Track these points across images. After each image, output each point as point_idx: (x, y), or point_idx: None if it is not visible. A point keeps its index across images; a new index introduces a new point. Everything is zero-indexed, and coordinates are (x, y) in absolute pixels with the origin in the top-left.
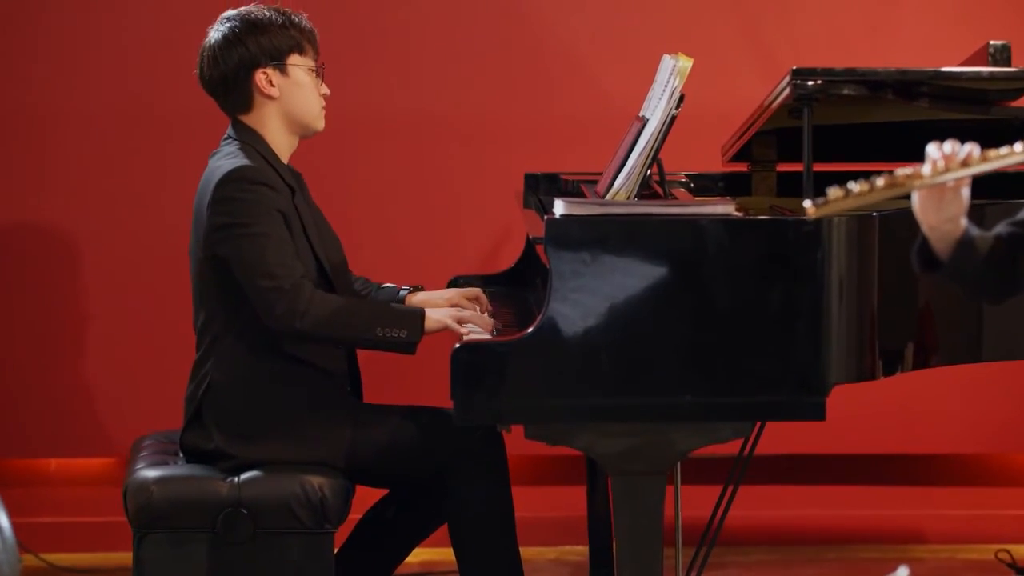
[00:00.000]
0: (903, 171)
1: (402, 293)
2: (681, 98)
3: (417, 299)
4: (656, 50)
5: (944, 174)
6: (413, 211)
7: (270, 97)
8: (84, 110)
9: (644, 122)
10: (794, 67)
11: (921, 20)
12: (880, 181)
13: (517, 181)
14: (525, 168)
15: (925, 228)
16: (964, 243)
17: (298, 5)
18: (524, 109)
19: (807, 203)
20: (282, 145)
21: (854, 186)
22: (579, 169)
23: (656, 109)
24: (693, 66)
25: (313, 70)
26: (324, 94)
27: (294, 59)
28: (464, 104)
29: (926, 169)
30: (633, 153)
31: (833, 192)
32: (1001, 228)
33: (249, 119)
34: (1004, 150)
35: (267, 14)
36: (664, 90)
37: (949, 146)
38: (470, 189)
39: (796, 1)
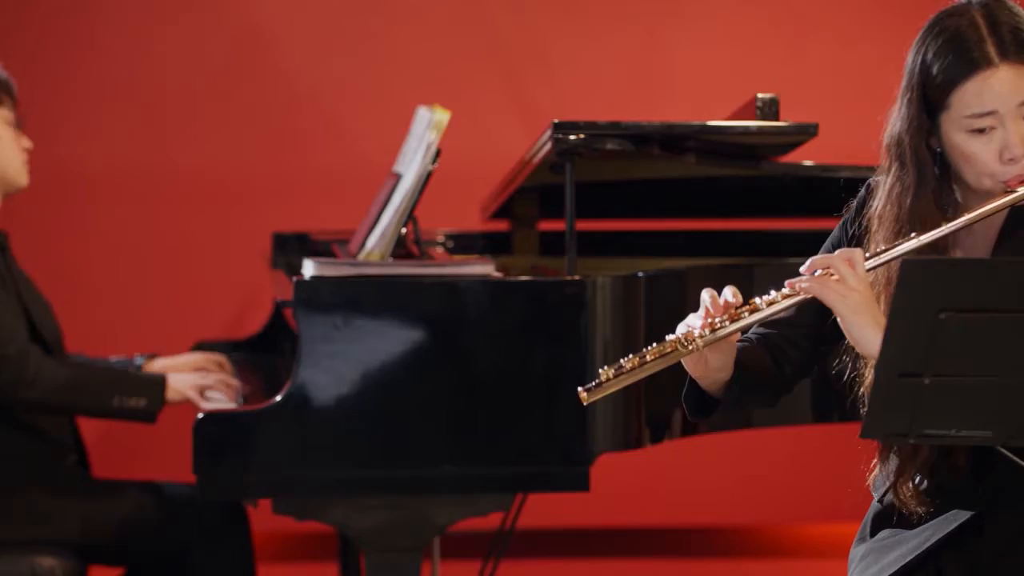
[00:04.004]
0: (673, 338)
1: (137, 361)
2: (437, 152)
3: (157, 366)
4: (411, 101)
5: (714, 333)
6: (152, 273)
7: None
8: None
9: (398, 178)
10: (555, 120)
11: (691, 71)
12: (651, 353)
13: (264, 241)
14: (273, 227)
15: (696, 379)
16: (735, 382)
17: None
18: (272, 164)
19: (580, 390)
20: None
21: (625, 363)
22: (331, 227)
23: (411, 164)
24: (450, 119)
25: (10, 123)
26: (26, 148)
27: None
28: (207, 159)
29: (696, 330)
30: (387, 211)
31: (605, 374)
32: (760, 332)
33: None
34: (774, 296)
35: None
36: (419, 144)
37: (711, 295)
38: (214, 249)
39: (560, 50)
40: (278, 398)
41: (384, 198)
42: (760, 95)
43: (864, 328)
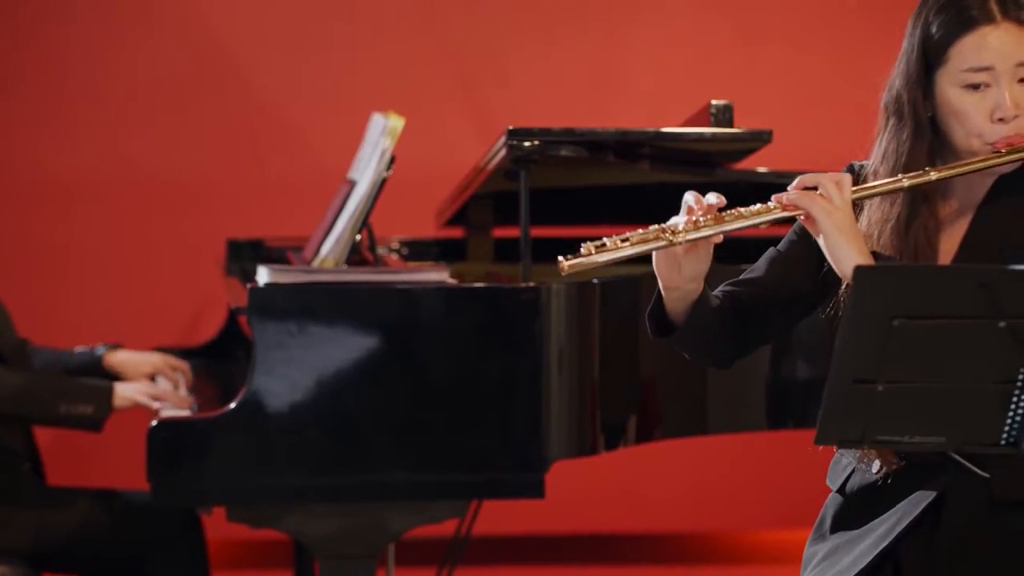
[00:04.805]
0: (658, 227)
1: (99, 351)
2: (392, 159)
3: (118, 358)
4: (366, 108)
5: (699, 231)
6: (105, 278)
7: None
8: None
9: (353, 185)
10: (510, 127)
11: (646, 77)
12: (634, 236)
13: (219, 247)
14: (227, 233)
15: (665, 287)
16: (700, 304)
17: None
18: (226, 170)
19: (561, 260)
20: None
21: (607, 241)
22: (285, 234)
23: (365, 171)
24: (405, 125)
25: None
26: None
27: None
28: (161, 164)
29: (679, 223)
30: (341, 217)
31: (586, 248)
32: (727, 288)
33: None
34: (760, 207)
35: None
36: (374, 151)
37: (695, 196)
38: (168, 255)
39: (515, 57)
40: (232, 405)
41: (338, 205)
42: (714, 102)
43: (845, 246)
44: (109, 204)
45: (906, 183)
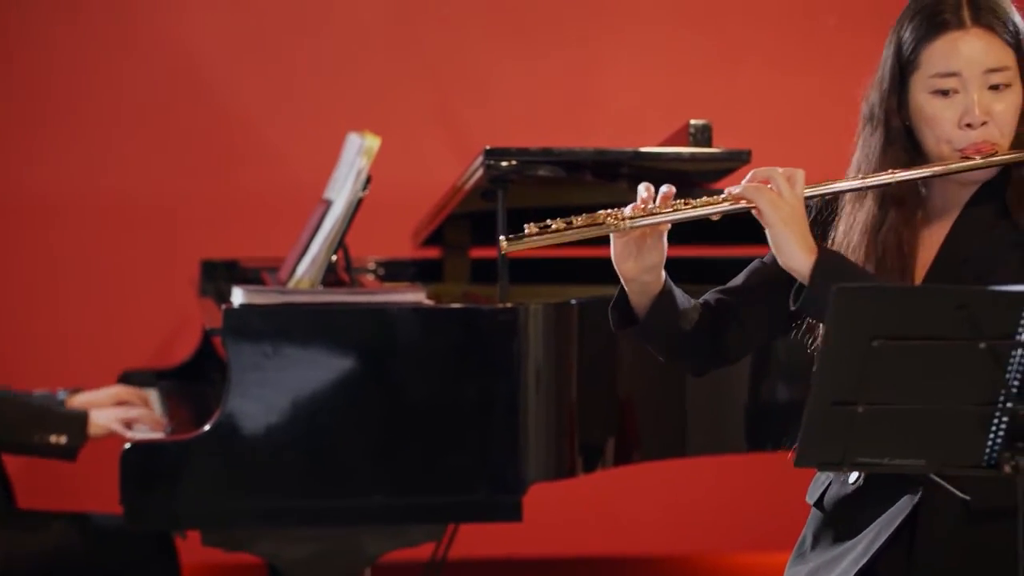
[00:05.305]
0: (604, 211)
1: (60, 396)
2: (368, 179)
3: (79, 401)
4: (342, 127)
5: (647, 218)
6: (78, 299)
7: None
8: None
9: (328, 205)
10: (487, 147)
11: (624, 96)
12: (579, 219)
13: (193, 267)
14: (202, 253)
15: (624, 279)
16: (663, 297)
17: None
18: (201, 189)
19: (501, 238)
20: None
21: (552, 223)
22: (260, 254)
23: (341, 191)
24: (381, 144)
25: None
26: None
27: None
28: (135, 183)
29: (627, 210)
30: (316, 238)
31: (530, 228)
32: (708, 295)
33: None
34: (710, 198)
35: None
36: (350, 170)
37: (647, 186)
38: (142, 276)
39: (493, 76)
40: (207, 428)
41: (314, 225)
42: (693, 121)
43: (791, 239)
44: (82, 223)
45: (866, 182)
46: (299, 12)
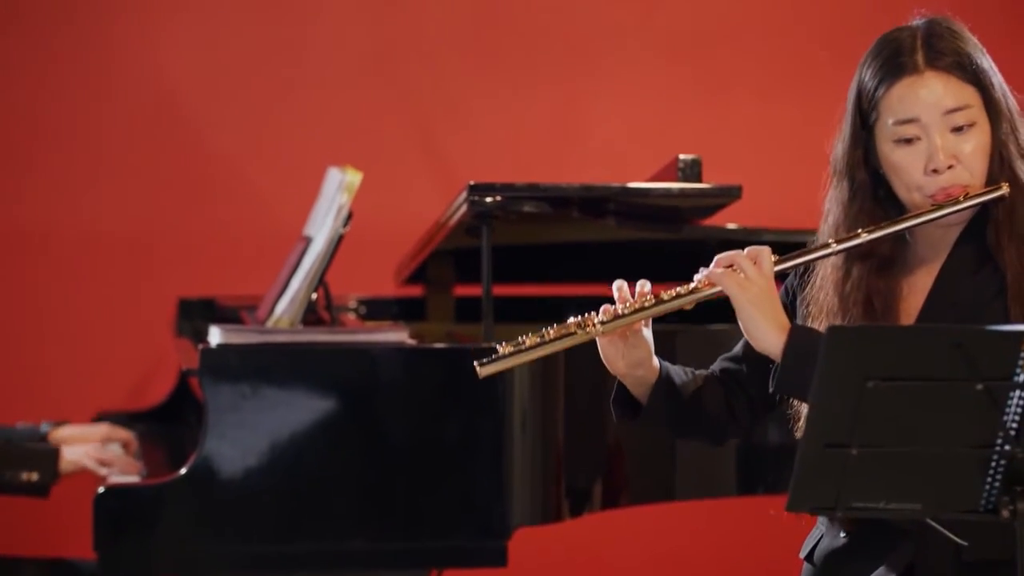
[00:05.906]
0: (575, 320)
1: (44, 429)
2: (349, 215)
3: (63, 435)
4: (322, 162)
5: (617, 320)
6: (51, 338)
7: None
8: None
9: (308, 241)
10: (471, 182)
11: (612, 131)
12: (551, 332)
13: (169, 306)
14: (178, 292)
15: (617, 376)
16: (660, 384)
17: None
18: (178, 226)
19: (476, 363)
20: None
21: (525, 340)
22: (239, 292)
23: (322, 227)
24: (363, 180)
25: None
26: None
27: None
28: (111, 219)
29: (599, 315)
30: (296, 275)
31: (503, 348)
32: (716, 365)
33: None
34: (680, 289)
35: None
36: (330, 206)
37: (620, 285)
38: (117, 314)
39: (476, 109)
40: (183, 471)
41: (294, 262)
42: (682, 156)
43: (760, 321)
44: (56, 262)
45: (835, 247)
46: (279, 47)
